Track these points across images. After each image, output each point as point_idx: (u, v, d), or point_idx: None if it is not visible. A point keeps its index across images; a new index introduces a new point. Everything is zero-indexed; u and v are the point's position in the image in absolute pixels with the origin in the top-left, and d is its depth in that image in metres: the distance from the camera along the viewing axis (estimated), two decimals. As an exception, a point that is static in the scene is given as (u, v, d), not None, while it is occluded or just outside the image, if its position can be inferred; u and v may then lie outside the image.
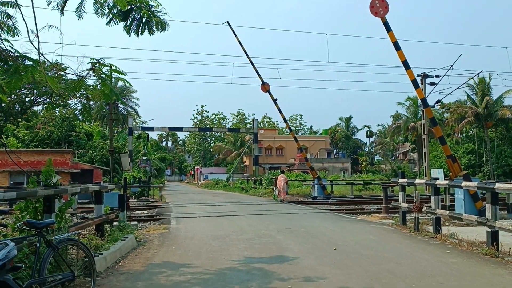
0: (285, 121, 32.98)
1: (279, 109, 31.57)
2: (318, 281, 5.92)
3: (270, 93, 30.84)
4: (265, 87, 31.03)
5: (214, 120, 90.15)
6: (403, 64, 15.69)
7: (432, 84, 26.87)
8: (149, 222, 14.34)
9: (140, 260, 7.56)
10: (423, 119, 28.89)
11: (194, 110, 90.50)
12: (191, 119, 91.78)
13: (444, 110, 54.42)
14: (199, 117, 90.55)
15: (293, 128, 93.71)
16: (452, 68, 23.66)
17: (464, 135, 54.50)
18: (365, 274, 6.28)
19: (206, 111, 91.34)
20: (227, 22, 27.45)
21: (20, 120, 40.88)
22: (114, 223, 10.73)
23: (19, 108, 50.24)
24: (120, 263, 7.33)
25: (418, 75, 27.88)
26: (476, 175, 43.38)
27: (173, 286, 5.77)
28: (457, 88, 25.42)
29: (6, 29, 6.37)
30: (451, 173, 14.89)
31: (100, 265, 6.53)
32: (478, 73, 27.67)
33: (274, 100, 30.65)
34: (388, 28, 15.52)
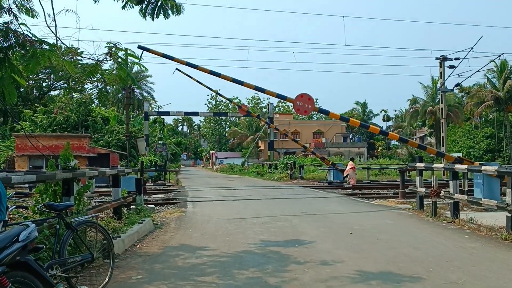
0: (277, 129, 33.52)
1: (267, 123, 32.18)
2: (335, 264, 5.92)
3: (250, 112, 32.30)
4: (243, 110, 32.33)
5: (229, 104, 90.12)
6: (361, 126, 15.63)
7: (451, 67, 26.37)
8: (165, 205, 14.48)
9: (158, 243, 7.65)
10: (441, 103, 28.44)
11: (208, 95, 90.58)
12: (205, 104, 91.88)
13: (463, 93, 53.48)
14: (214, 102, 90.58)
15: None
16: (473, 51, 23.13)
17: (483, 119, 53.56)
18: (381, 258, 6.25)
19: (220, 96, 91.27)
20: (176, 68, 27.49)
21: (37, 105, 41.43)
22: (131, 206, 10.88)
23: (37, 93, 50.93)
24: (138, 246, 7.43)
25: (437, 58, 27.38)
26: (496, 160, 42.74)
27: (190, 269, 5.83)
28: (477, 71, 25.20)
29: (25, 10, 6.39)
30: None
31: (118, 247, 6.62)
32: (500, 56, 26.98)
33: (257, 116, 31.78)
34: (325, 112, 15.61)
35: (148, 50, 16.23)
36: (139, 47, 16.22)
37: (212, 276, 5.43)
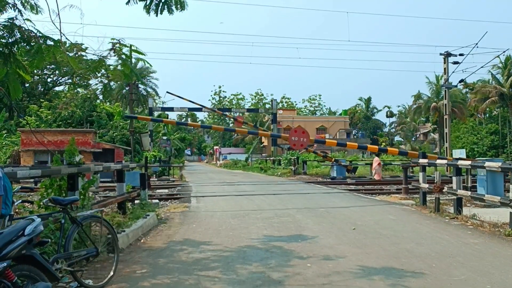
0: (275, 135, 33.70)
1: (264, 130, 32.48)
2: (337, 259, 5.95)
3: (246, 123, 33.15)
4: (239, 122, 33.28)
5: (232, 100, 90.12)
6: (359, 147, 16.24)
7: (455, 63, 26.27)
8: (169, 200, 14.54)
9: (162, 238, 7.70)
10: (445, 99, 28.35)
11: (212, 91, 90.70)
12: (209, 100, 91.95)
13: (467, 89, 53.25)
14: (217, 98, 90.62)
15: (311, 109, 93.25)
16: (477, 46, 23.07)
17: (487, 115, 53.34)
18: (384, 253, 6.28)
19: (223, 91, 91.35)
20: (167, 91, 28.83)
21: (43, 100, 41.59)
22: (136, 201, 10.93)
23: (42, 89, 51.08)
24: (142, 240, 7.48)
25: (441, 54, 27.26)
26: (499, 156, 42.60)
27: (194, 263, 5.87)
28: (482, 67, 25.08)
29: (29, 7, 6.42)
30: None
31: (122, 241, 6.67)
32: (504, 51, 26.83)
33: (254, 125, 32.62)
34: (322, 142, 16.49)
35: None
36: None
37: (215, 271, 5.48)
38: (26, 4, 6.40)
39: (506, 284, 4.87)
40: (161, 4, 6.84)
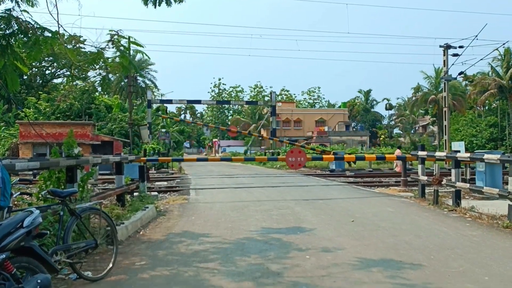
0: (272, 136, 34.39)
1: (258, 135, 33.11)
2: (336, 251, 5.96)
3: (240, 132, 34.12)
4: (232, 131, 33.85)
5: (231, 93, 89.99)
6: (357, 159, 17.83)
7: (455, 55, 26.15)
8: (168, 193, 14.56)
9: (161, 230, 7.71)
10: (445, 92, 28.30)
11: (211, 83, 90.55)
12: (208, 92, 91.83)
13: (467, 82, 53.16)
14: (217, 90, 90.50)
15: (311, 101, 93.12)
16: (477, 39, 23.04)
17: (486, 107, 53.30)
18: (382, 245, 6.29)
19: (223, 84, 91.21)
20: (157, 114, 29.48)
21: (41, 92, 41.48)
22: (135, 193, 10.94)
23: (40, 81, 50.93)
24: (141, 232, 7.49)
25: (440, 46, 27.15)
26: (498, 148, 42.64)
27: (193, 255, 5.88)
28: (481, 59, 25.00)
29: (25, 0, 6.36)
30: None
31: (121, 234, 6.69)
32: (504, 44, 26.77)
33: (248, 133, 33.19)
34: (319, 159, 18.65)
35: None
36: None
37: (214, 263, 5.49)
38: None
39: (504, 276, 4.89)
40: (159, -5, 6.79)
